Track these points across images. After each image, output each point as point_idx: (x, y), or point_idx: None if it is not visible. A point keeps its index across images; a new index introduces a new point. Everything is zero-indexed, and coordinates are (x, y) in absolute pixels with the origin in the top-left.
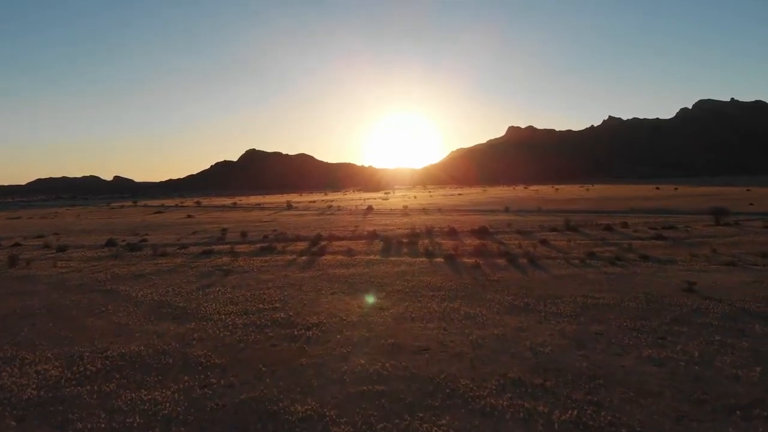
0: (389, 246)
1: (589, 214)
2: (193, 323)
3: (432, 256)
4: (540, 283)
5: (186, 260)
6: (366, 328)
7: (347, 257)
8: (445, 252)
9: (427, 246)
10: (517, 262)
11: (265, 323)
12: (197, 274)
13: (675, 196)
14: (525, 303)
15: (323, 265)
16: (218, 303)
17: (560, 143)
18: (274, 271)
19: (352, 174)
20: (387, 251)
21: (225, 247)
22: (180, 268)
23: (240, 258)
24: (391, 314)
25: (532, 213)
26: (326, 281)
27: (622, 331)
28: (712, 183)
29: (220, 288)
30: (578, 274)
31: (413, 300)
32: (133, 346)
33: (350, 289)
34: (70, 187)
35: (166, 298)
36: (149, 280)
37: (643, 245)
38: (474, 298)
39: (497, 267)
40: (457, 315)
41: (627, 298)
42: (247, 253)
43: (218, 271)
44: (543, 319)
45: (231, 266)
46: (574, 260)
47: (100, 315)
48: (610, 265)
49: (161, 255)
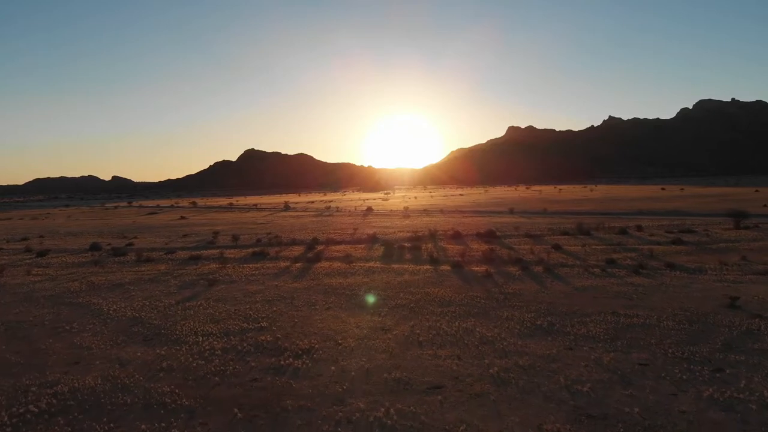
0: (390, 251)
1: (597, 216)
2: (165, 347)
3: (437, 264)
4: (561, 296)
5: (170, 267)
6: (366, 355)
7: (345, 264)
8: (451, 258)
9: (431, 251)
10: (531, 270)
11: (248, 348)
12: (180, 284)
13: (683, 197)
14: (549, 322)
15: (319, 273)
16: (197, 321)
17: (560, 143)
18: (263, 281)
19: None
20: (388, 257)
21: (214, 252)
22: (162, 276)
23: (229, 265)
24: (394, 337)
25: (539, 214)
26: (321, 293)
27: (669, 360)
28: (717, 183)
29: (202, 301)
30: (602, 286)
31: (420, 317)
32: (90, 379)
33: (348, 304)
34: (68, 187)
35: (141, 313)
36: (126, 291)
37: (665, 251)
38: (489, 316)
39: (510, 277)
40: (471, 338)
41: (664, 317)
42: (236, 260)
43: (203, 280)
44: (573, 344)
45: (217, 275)
46: (593, 268)
47: (62, 335)
48: (634, 274)
49: (145, 261)
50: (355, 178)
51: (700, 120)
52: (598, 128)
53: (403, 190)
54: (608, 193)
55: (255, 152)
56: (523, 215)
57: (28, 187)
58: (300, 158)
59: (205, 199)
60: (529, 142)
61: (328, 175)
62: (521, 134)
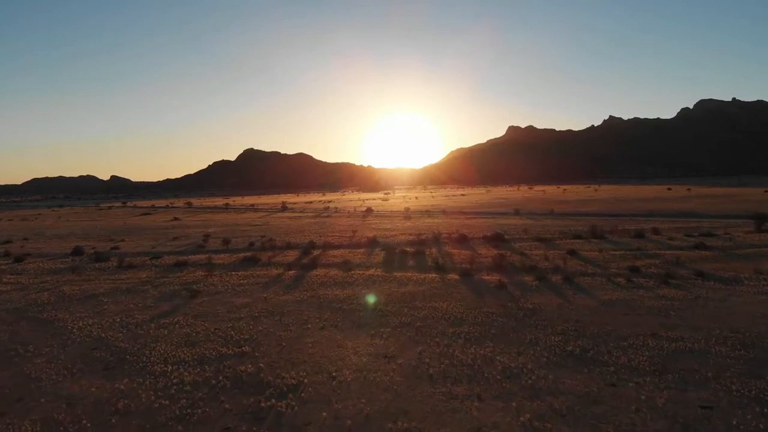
0: (392, 257)
1: (607, 218)
2: (126, 379)
3: (444, 271)
4: (588, 313)
5: (153, 275)
6: (365, 394)
7: (343, 272)
8: (458, 265)
9: (436, 257)
10: (549, 280)
11: (223, 383)
12: (159, 295)
13: (692, 198)
14: (581, 348)
15: (313, 283)
16: (170, 343)
17: (560, 143)
18: (251, 293)
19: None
20: (389, 264)
21: (202, 258)
22: (141, 286)
23: (216, 272)
24: (399, 367)
25: (546, 216)
26: (315, 308)
27: (736, 401)
28: (722, 184)
29: (180, 318)
30: (631, 300)
31: (428, 340)
32: (27, 424)
33: (345, 321)
34: (66, 187)
35: (108, 332)
36: (99, 303)
37: (690, 257)
38: (509, 339)
39: (527, 288)
40: (492, 370)
41: (713, 340)
42: (225, 266)
43: (185, 291)
44: (615, 378)
45: (202, 285)
46: (616, 278)
47: (13, 361)
48: (664, 285)
49: (127, 267)
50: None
51: (701, 120)
52: (598, 128)
53: (403, 190)
54: (613, 193)
55: (254, 152)
56: (530, 217)
57: (27, 186)
58: (299, 158)
59: (202, 200)
60: (529, 142)
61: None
62: (521, 134)
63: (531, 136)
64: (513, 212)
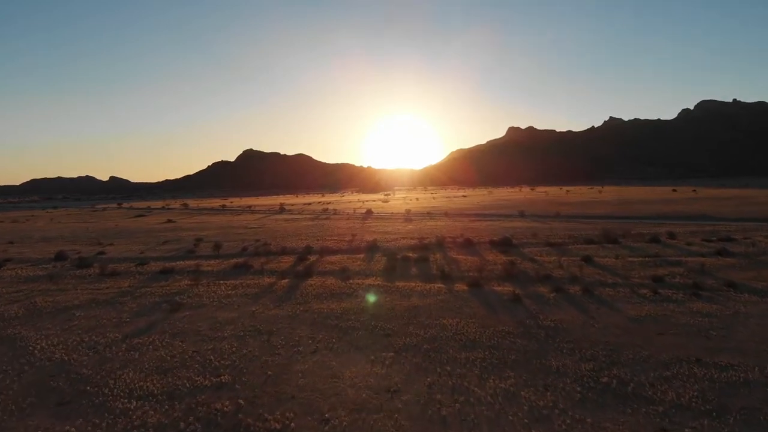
0: (393, 263)
1: (617, 221)
2: (80, 420)
3: (450, 281)
4: (617, 332)
5: (135, 284)
6: None
7: (340, 281)
8: (466, 274)
9: (441, 264)
10: (567, 292)
11: (194, 426)
12: (137, 308)
13: (700, 200)
14: (618, 380)
15: (308, 294)
16: (139, 370)
17: (561, 144)
18: (239, 306)
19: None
20: (391, 272)
21: (191, 264)
22: (120, 297)
23: (203, 281)
24: (405, 406)
25: (552, 218)
26: (308, 325)
27: None
28: (727, 185)
29: (157, 336)
30: (662, 315)
31: (438, 369)
32: None
33: (341, 343)
34: (65, 187)
35: (74, 355)
36: (70, 318)
37: (715, 265)
38: (533, 368)
39: (544, 301)
40: (517, 411)
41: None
42: (214, 274)
43: (166, 303)
44: (666, 420)
45: (186, 296)
46: (641, 289)
47: None
48: (695, 297)
49: (109, 275)
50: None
51: (702, 121)
52: (598, 129)
53: (403, 191)
54: (618, 194)
55: (254, 152)
56: (536, 219)
57: (25, 187)
58: (299, 159)
59: (199, 201)
60: (529, 142)
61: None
62: (521, 135)
63: (531, 136)
64: (518, 214)
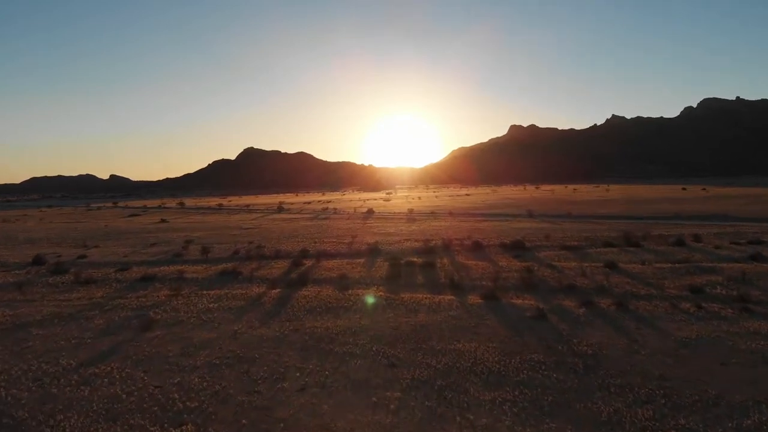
0: (397, 269)
1: (631, 221)
2: None
3: (462, 292)
4: (670, 362)
5: (109, 294)
6: None
7: (338, 291)
8: (478, 282)
9: (450, 271)
10: (597, 306)
11: None
12: (104, 325)
13: (712, 199)
14: None
15: (300, 308)
16: (85, 413)
17: (563, 142)
18: (220, 323)
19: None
20: (395, 280)
21: (175, 270)
22: (88, 311)
23: (184, 290)
24: None
25: (563, 219)
26: (297, 350)
27: None
28: (735, 184)
29: (117, 364)
30: (717, 338)
31: (458, 417)
32: None
33: (336, 376)
34: (65, 186)
35: (14, 389)
36: (26, 338)
37: (756, 272)
38: (577, 415)
39: (573, 318)
40: None
41: None
42: (198, 282)
43: (138, 319)
44: None
45: (162, 309)
46: (681, 303)
47: None
48: (746, 314)
49: (84, 283)
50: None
51: (704, 119)
52: (601, 127)
53: (404, 189)
54: (626, 193)
55: (254, 151)
56: (546, 219)
57: (25, 185)
58: (300, 157)
59: (197, 199)
60: (531, 141)
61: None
62: (523, 133)
63: (533, 135)
64: (526, 214)
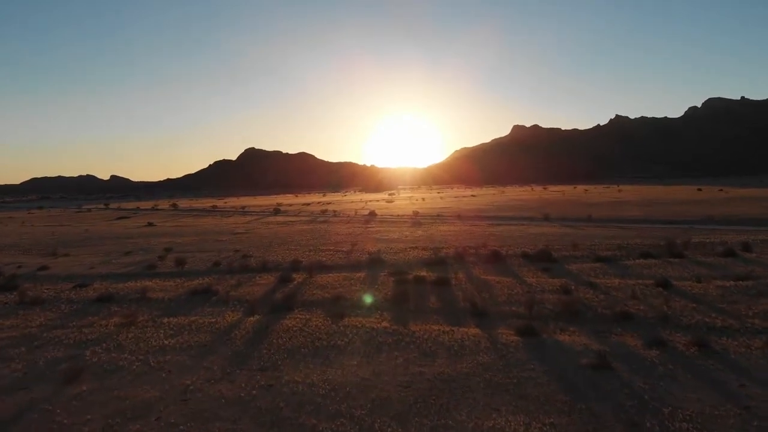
0: (404, 289)
1: (660, 226)
2: None
3: (488, 322)
4: None
5: (50, 321)
6: None
7: (330, 321)
8: (507, 308)
9: (469, 290)
10: (670, 346)
11: None
12: (20, 373)
13: (734, 200)
14: None
15: (279, 347)
16: None
17: (566, 142)
18: (170, 371)
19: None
20: (401, 303)
21: (141, 286)
22: (12, 347)
23: (141, 317)
24: None
25: (584, 223)
26: (267, 427)
27: None
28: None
29: None
30: None
31: None
32: None
33: None
34: (65, 186)
35: None
36: None
37: None
38: None
39: (646, 367)
40: None
41: None
42: (162, 304)
43: (69, 362)
44: None
45: (104, 347)
46: None
47: None
48: None
49: (30, 304)
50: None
51: (709, 119)
52: (604, 127)
53: (407, 190)
54: (640, 194)
55: (256, 151)
56: (566, 224)
57: (25, 186)
58: (301, 157)
59: (194, 201)
60: (534, 141)
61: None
62: (526, 133)
63: (536, 135)
64: (542, 218)
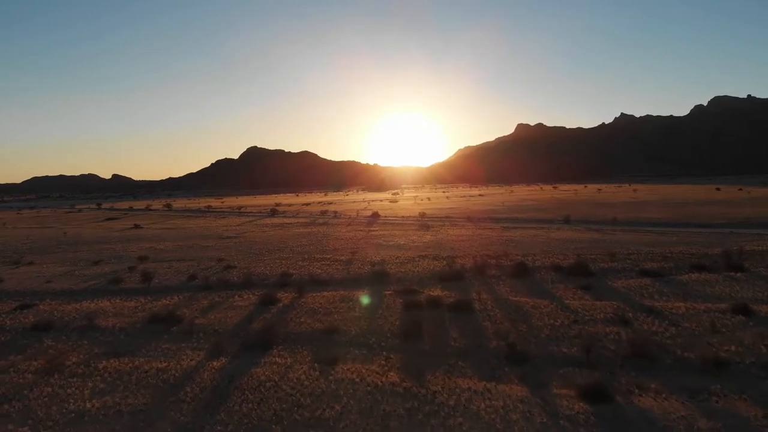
0: (415, 315)
1: (694, 229)
2: None
3: (534, 374)
4: None
5: None
6: None
7: (317, 372)
8: (554, 347)
9: (498, 318)
10: None
11: None
12: None
13: (761, 200)
14: None
15: (242, 418)
16: None
17: (571, 141)
18: None
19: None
20: (413, 340)
21: (93, 309)
22: None
23: (73, 358)
24: None
25: (611, 226)
26: None
27: None
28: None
29: None
30: None
31: None
32: None
33: None
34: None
35: None
36: None
37: None
38: None
39: None
40: None
41: None
42: (109, 337)
43: None
44: None
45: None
46: None
47: None
48: None
49: None
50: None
51: (715, 117)
52: (609, 125)
53: (411, 189)
54: (657, 194)
55: (258, 150)
56: (590, 227)
57: (26, 185)
58: (304, 156)
59: (190, 200)
60: (538, 139)
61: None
62: (531, 132)
63: (540, 133)
64: (562, 220)
